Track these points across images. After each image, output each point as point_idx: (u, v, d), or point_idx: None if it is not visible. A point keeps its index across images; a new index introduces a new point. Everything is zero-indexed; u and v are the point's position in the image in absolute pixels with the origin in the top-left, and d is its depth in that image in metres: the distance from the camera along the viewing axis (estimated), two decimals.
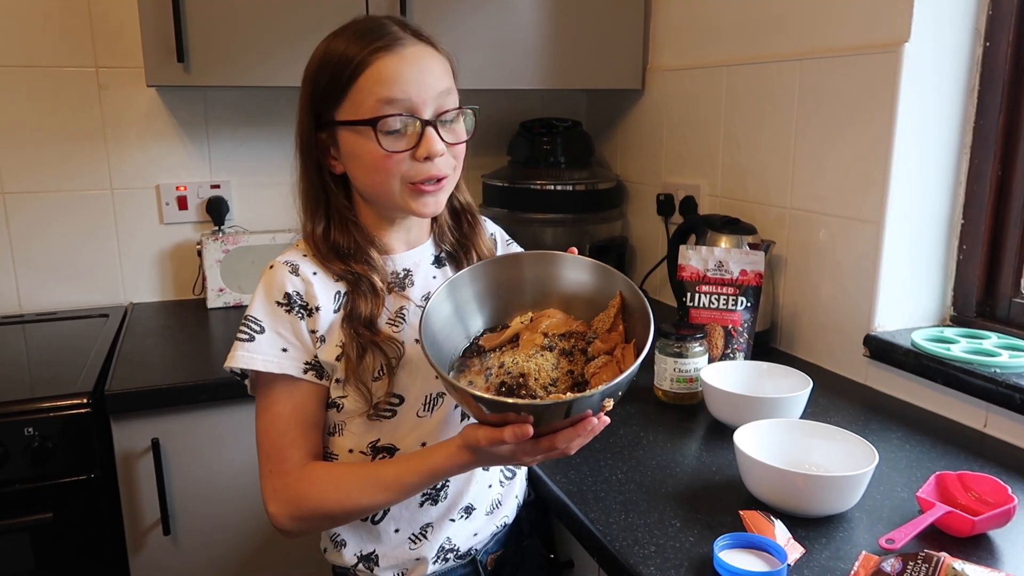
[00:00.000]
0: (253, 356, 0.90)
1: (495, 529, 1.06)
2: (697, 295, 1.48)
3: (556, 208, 2.02)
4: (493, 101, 2.18)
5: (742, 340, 1.46)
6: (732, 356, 1.45)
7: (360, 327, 0.92)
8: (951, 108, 1.36)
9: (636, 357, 0.83)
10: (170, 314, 1.90)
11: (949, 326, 1.43)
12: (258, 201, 2.04)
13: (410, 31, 0.91)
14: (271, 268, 0.94)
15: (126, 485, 1.44)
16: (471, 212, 1.05)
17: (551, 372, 0.88)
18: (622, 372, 0.80)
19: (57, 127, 1.85)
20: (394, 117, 0.88)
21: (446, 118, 0.91)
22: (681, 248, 1.51)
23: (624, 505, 1.02)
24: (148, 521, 1.46)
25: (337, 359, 0.92)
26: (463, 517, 1.01)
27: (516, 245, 1.16)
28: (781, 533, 0.91)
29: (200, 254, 1.95)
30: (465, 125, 0.95)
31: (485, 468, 1.01)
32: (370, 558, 1.00)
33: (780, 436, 1.07)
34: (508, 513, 1.08)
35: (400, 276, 0.99)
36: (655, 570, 0.88)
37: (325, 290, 0.93)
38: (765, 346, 1.62)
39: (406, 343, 0.95)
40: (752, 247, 1.52)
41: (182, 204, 1.97)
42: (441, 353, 0.89)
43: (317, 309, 0.92)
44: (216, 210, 1.98)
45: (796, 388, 1.23)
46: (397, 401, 0.95)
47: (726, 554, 0.88)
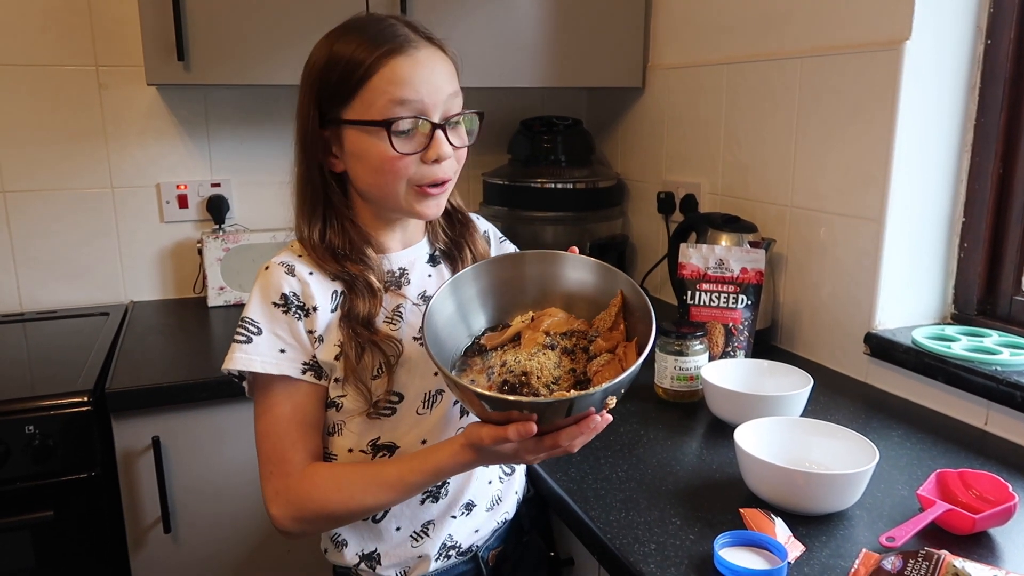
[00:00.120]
0: (251, 358, 0.90)
1: (496, 525, 1.06)
2: (698, 293, 1.48)
3: (557, 206, 2.02)
4: (494, 99, 2.18)
5: (743, 338, 1.46)
6: (733, 354, 1.45)
7: (358, 327, 0.92)
8: (952, 106, 1.36)
9: (638, 355, 0.83)
10: (170, 312, 1.90)
11: (950, 324, 1.43)
12: (258, 199, 2.04)
13: (421, 34, 0.91)
14: (266, 269, 0.93)
15: (127, 483, 1.44)
16: (461, 211, 1.06)
17: (553, 371, 0.88)
18: (624, 370, 0.81)
19: (58, 126, 1.85)
20: (406, 119, 0.88)
21: (453, 121, 0.92)
22: (682, 246, 1.51)
23: (624, 503, 1.02)
24: (149, 519, 1.46)
25: (336, 358, 0.92)
26: (464, 514, 1.01)
27: (509, 242, 1.16)
28: (781, 531, 0.92)
29: (200, 252, 1.95)
30: (467, 128, 0.95)
31: (486, 466, 1.01)
32: (372, 557, 1.00)
33: (781, 434, 1.07)
34: (508, 509, 1.08)
35: (396, 275, 0.99)
36: (655, 568, 0.88)
37: (322, 290, 0.93)
38: (766, 344, 1.62)
39: (404, 341, 0.95)
40: (753, 245, 1.52)
41: (182, 203, 1.98)
42: (443, 351, 0.89)
43: (315, 309, 0.92)
44: (216, 208, 1.98)
45: (797, 386, 1.23)
46: (397, 399, 0.95)
47: (726, 552, 0.88)
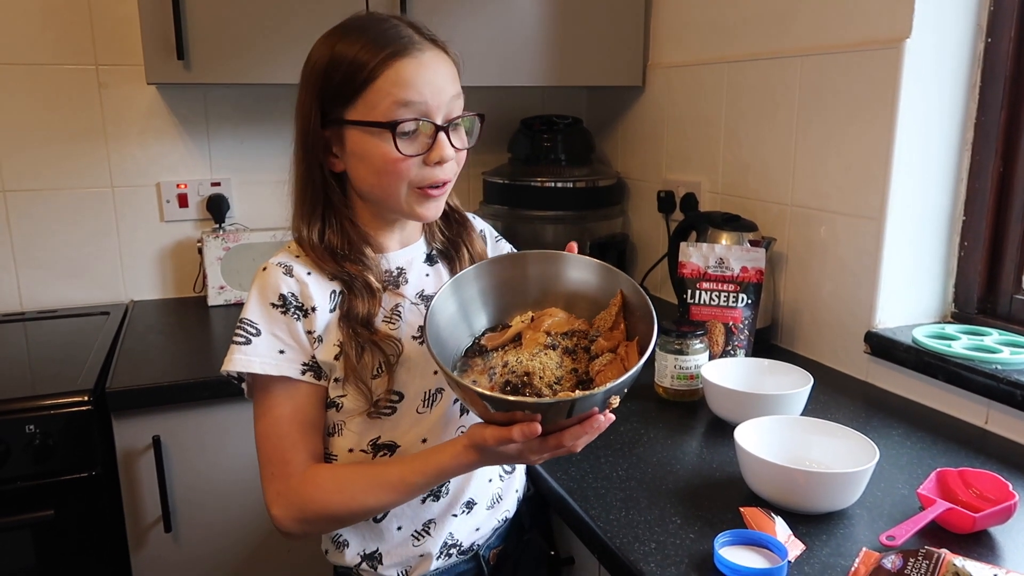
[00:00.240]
0: (250, 359, 0.90)
1: (496, 524, 1.06)
2: (698, 292, 1.47)
3: (557, 205, 2.02)
4: (494, 98, 2.18)
5: (743, 337, 1.46)
6: (733, 353, 1.45)
7: (358, 326, 0.92)
8: (952, 104, 1.36)
9: (640, 355, 0.83)
10: (171, 311, 1.90)
11: (950, 323, 1.43)
12: (258, 198, 2.04)
13: (425, 36, 0.90)
14: (264, 270, 0.93)
15: (127, 482, 1.44)
16: (459, 211, 1.06)
17: (555, 371, 0.88)
18: (627, 370, 0.81)
19: (58, 125, 1.85)
20: (410, 121, 0.88)
21: (454, 123, 0.92)
22: (682, 245, 1.51)
23: (625, 502, 1.02)
24: (149, 518, 1.46)
25: (335, 358, 0.92)
26: (465, 512, 1.01)
27: (504, 241, 1.16)
28: (782, 530, 0.92)
29: (201, 252, 1.95)
30: (467, 129, 0.95)
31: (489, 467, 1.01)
32: (374, 557, 1.00)
33: (781, 433, 1.07)
34: (509, 507, 1.08)
35: (394, 274, 0.99)
36: (656, 567, 0.88)
37: (320, 290, 0.93)
38: (766, 343, 1.62)
39: (403, 340, 0.95)
40: (753, 244, 1.52)
41: (182, 202, 1.97)
42: (445, 351, 0.89)
43: (313, 310, 0.92)
44: (216, 208, 1.98)
45: (797, 385, 1.23)
46: (397, 398, 0.95)
47: (727, 551, 0.88)
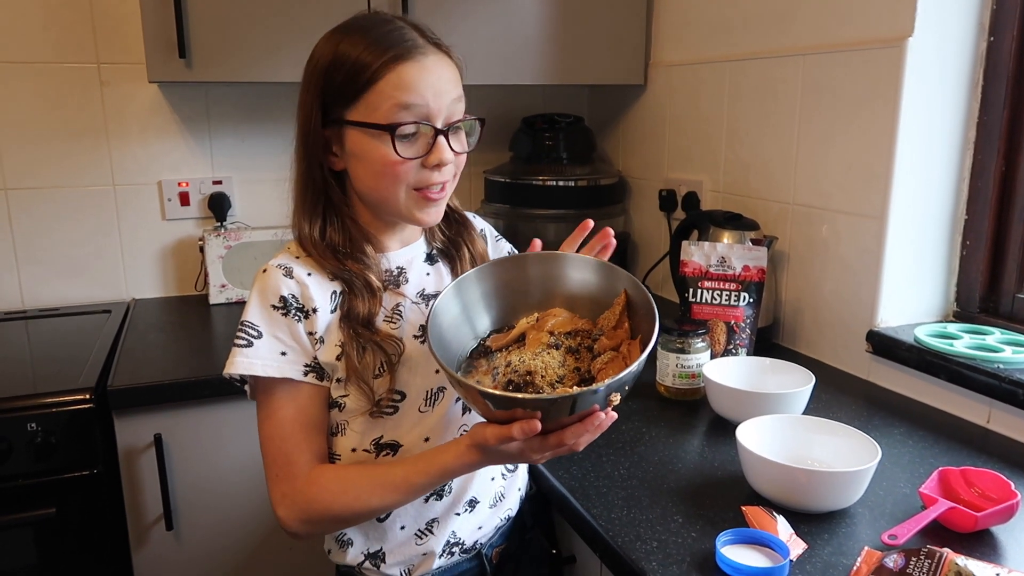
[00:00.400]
0: (252, 361, 0.90)
1: (499, 522, 1.06)
2: (699, 291, 1.47)
3: (558, 204, 2.01)
4: (495, 96, 2.18)
5: (744, 336, 1.46)
6: (734, 352, 1.45)
7: (359, 326, 0.92)
8: (955, 103, 1.36)
9: (642, 351, 0.83)
10: (172, 310, 1.90)
11: (952, 322, 1.43)
12: (260, 197, 2.04)
13: (428, 39, 0.90)
14: (264, 272, 0.93)
15: (129, 481, 1.44)
16: (459, 211, 1.06)
17: (558, 370, 0.88)
18: (628, 366, 0.81)
19: (59, 123, 1.85)
20: (410, 124, 0.88)
21: (455, 126, 0.92)
22: (683, 244, 1.50)
23: (626, 501, 1.02)
24: (151, 517, 1.46)
25: (337, 359, 0.92)
26: (467, 511, 1.01)
27: (505, 240, 1.17)
28: (783, 529, 0.91)
29: (202, 250, 1.95)
30: (468, 133, 0.95)
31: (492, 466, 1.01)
32: (377, 555, 1.00)
33: (782, 432, 1.07)
34: (511, 506, 1.08)
35: (394, 274, 0.99)
36: (657, 565, 0.88)
37: (321, 291, 0.93)
38: (767, 342, 1.62)
39: (405, 340, 0.95)
40: (755, 243, 1.52)
41: (184, 200, 1.98)
42: (449, 353, 0.89)
43: (314, 311, 0.92)
44: (218, 206, 1.98)
45: (798, 384, 1.23)
46: (399, 397, 0.95)
47: (728, 550, 0.88)
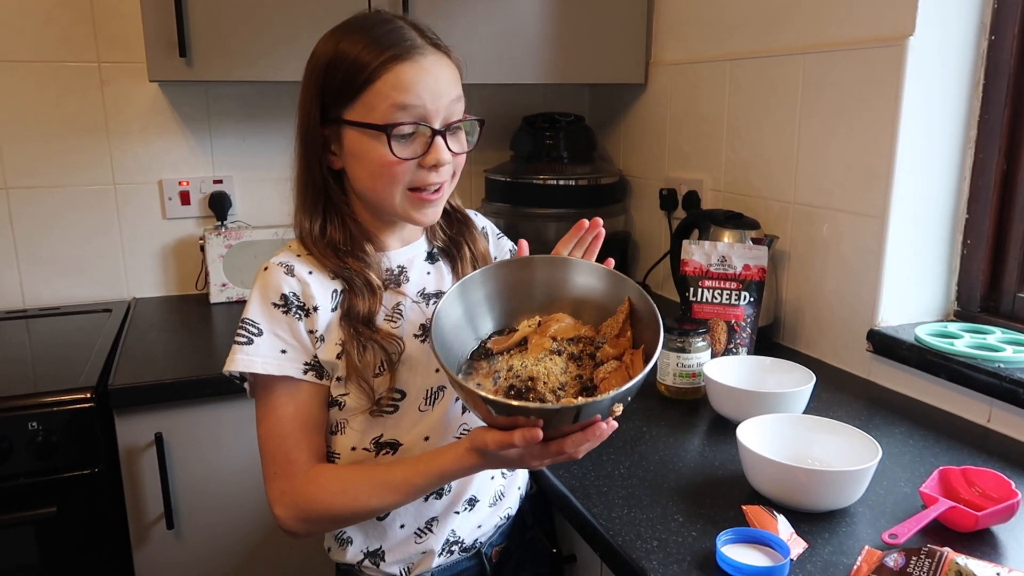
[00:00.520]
0: (252, 359, 0.90)
1: (499, 521, 1.06)
2: (700, 290, 1.47)
3: (559, 203, 2.02)
4: (496, 95, 2.18)
5: (745, 335, 1.46)
6: (735, 351, 1.45)
7: (359, 325, 0.92)
8: (956, 102, 1.36)
9: (645, 363, 0.83)
10: (173, 309, 1.90)
11: (953, 321, 1.43)
12: (260, 196, 2.04)
13: (428, 39, 0.90)
14: (265, 270, 0.93)
15: (129, 479, 1.44)
16: (460, 210, 1.06)
17: (560, 376, 0.88)
18: (631, 378, 0.80)
19: (60, 122, 1.85)
20: (407, 124, 0.87)
21: (453, 127, 0.91)
22: (684, 243, 1.50)
23: (627, 500, 1.02)
24: (152, 515, 1.46)
25: (337, 357, 0.92)
26: (467, 509, 1.01)
27: (506, 238, 1.17)
28: (784, 528, 0.91)
29: (203, 249, 1.95)
30: (467, 133, 0.95)
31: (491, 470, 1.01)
32: (376, 554, 1.00)
33: (783, 431, 1.07)
34: (511, 505, 1.08)
35: (395, 273, 0.99)
36: (657, 565, 0.88)
37: (322, 289, 0.93)
38: (768, 341, 1.62)
39: (405, 338, 0.95)
40: (755, 242, 1.52)
41: (185, 199, 1.98)
42: (450, 354, 0.89)
43: (315, 309, 0.92)
44: (219, 205, 1.98)
45: (799, 383, 1.23)
46: (399, 396, 0.95)
47: (729, 549, 0.88)
